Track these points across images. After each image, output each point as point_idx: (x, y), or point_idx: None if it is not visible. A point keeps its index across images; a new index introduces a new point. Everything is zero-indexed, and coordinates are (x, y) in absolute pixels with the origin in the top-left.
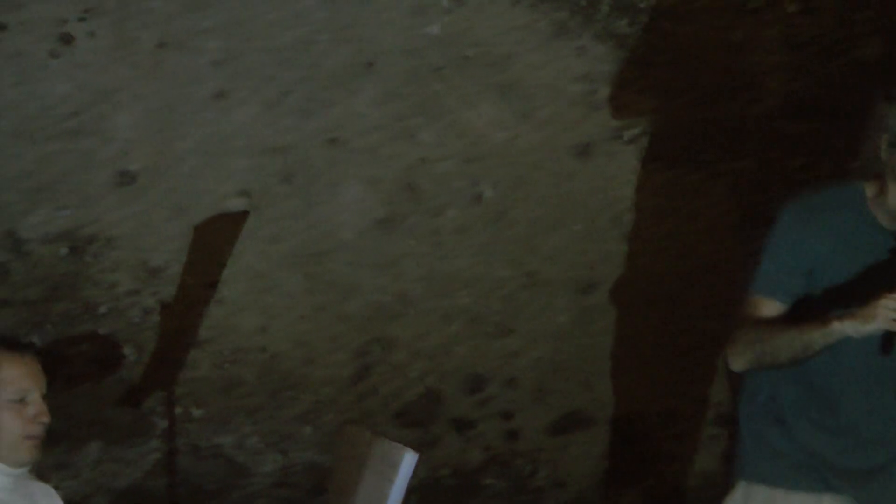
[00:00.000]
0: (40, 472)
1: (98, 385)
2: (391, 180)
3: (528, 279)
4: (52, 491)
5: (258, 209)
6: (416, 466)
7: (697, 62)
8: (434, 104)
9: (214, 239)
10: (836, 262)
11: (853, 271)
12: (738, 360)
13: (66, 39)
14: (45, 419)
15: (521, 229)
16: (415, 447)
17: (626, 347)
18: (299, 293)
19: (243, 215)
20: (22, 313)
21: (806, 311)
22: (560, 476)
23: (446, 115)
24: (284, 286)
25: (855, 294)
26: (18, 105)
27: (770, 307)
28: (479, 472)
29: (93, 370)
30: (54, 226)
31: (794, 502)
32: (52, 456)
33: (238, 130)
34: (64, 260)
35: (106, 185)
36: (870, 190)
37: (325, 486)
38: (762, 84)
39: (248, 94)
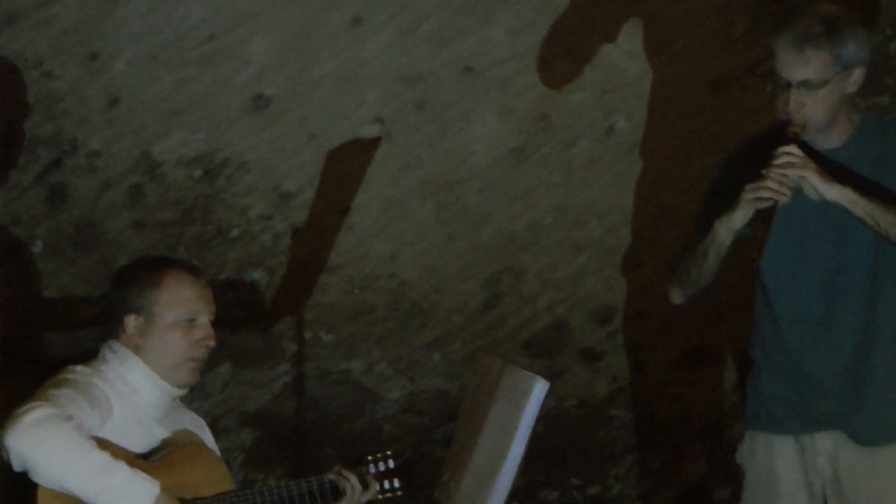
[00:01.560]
0: None
1: (229, 308)
2: (524, 110)
3: (659, 212)
4: (202, 421)
5: (391, 136)
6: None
7: None
8: (569, 35)
9: (347, 165)
10: None
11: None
12: (671, 289)
13: None
14: (211, 343)
15: (653, 162)
16: (543, 377)
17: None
18: (430, 221)
19: (376, 142)
20: (155, 235)
21: None
22: (685, 410)
23: (581, 46)
24: (416, 214)
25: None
26: (155, 29)
27: None
28: (605, 403)
29: (224, 294)
30: (189, 149)
31: (786, 445)
32: None
33: (373, 57)
34: (197, 183)
35: (241, 109)
36: None
37: (453, 413)
38: None
39: (384, 22)
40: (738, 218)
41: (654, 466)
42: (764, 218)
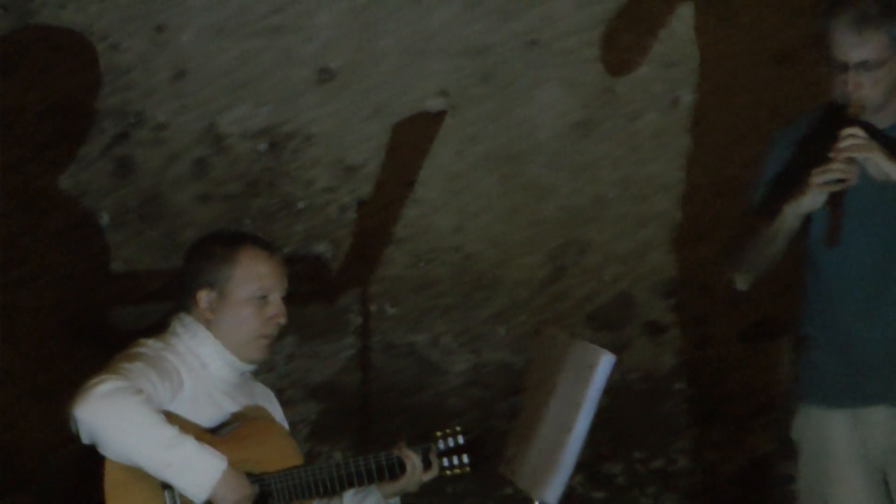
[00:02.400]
0: None
1: (294, 281)
2: (589, 83)
3: (724, 185)
4: (272, 395)
5: (456, 110)
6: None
7: None
8: (634, 8)
9: (412, 138)
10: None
11: None
12: (736, 276)
13: None
14: (282, 320)
15: (718, 136)
16: (608, 350)
17: None
18: (495, 194)
19: (441, 115)
20: (221, 208)
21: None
22: (749, 383)
23: (646, 20)
24: (480, 187)
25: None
26: (222, 2)
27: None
28: (669, 376)
29: (289, 267)
30: (254, 122)
31: (840, 419)
32: None
33: (438, 30)
34: (263, 156)
35: (306, 82)
36: None
37: (518, 386)
38: None
39: None
40: (808, 203)
41: (718, 440)
42: (835, 202)
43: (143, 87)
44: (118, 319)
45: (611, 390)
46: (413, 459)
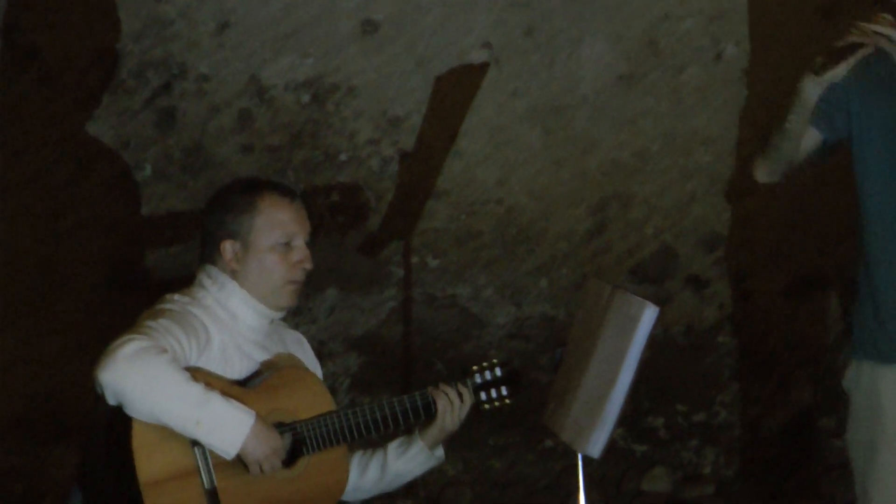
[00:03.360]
0: None
1: (337, 233)
2: (633, 37)
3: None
4: (304, 339)
5: (500, 62)
6: None
7: None
8: None
9: (455, 91)
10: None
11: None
12: (756, 166)
13: None
14: (309, 265)
15: (762, 89)
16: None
17: None
18: (538, 147)
19: (484, 68)
20: (264, 159)
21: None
22: (792, 338)
23: None
24: (523, 140)
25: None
26: None
27: (812, 136)
28: (711, 330)
29: (332, 218)
30: (298, 73)
31: (892, 374)
32: None
33: None
34: (306, 107)
35: (350, 34)
36: None
37: (559, 339)
38: None
39: None
40: (829, 75)
41: (760, 394)
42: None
43: (187, 39)
44: (160, 270)
45: (653, 344)
46: (447, 395)
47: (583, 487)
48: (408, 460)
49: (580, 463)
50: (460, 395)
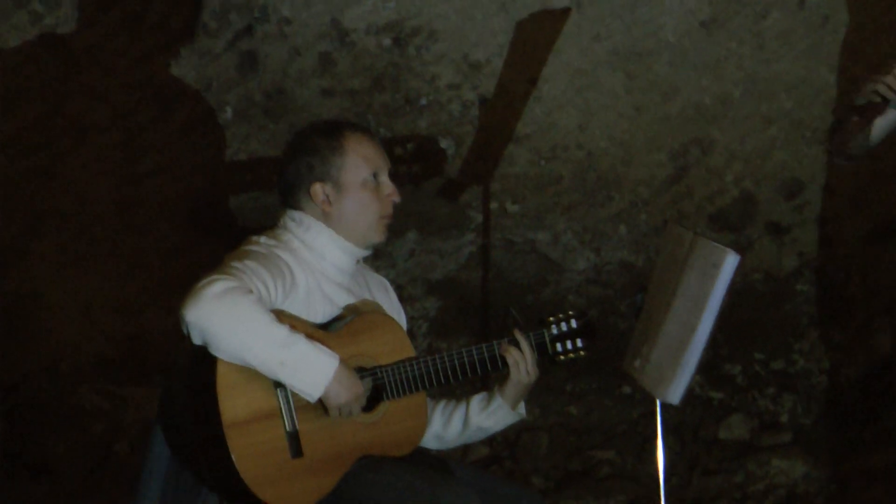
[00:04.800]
0: None
1: (417, 177)
2: None
3: (850, 86)
4: (388, 284)
5: (581, 7)
6: None
7: None
8: None
9: (537, 35)
10: None
11: None
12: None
13: None
14: (397, 198)
15: (845, 34)
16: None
17: None
18: (619, 92)
19: (566, 13)
20: (345, 103)
21: None
22: (873, 285)
23: None
24: (605, 85)
25: None
26: None
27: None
28: (791, 277)
29: (413, 163)
30: (379, 17)
31: None
32: None
33: None
34: (387, 51)
35: None
36: None
37: (638, 285)
38: None
39: None
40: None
41: (840, 342)
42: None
43: None
44: (240, 214)
45: (731, 291)
46: (512, 354)
47: (661, 434)
48: (489, 416)
49: (658, 410)
50: (525, 347)
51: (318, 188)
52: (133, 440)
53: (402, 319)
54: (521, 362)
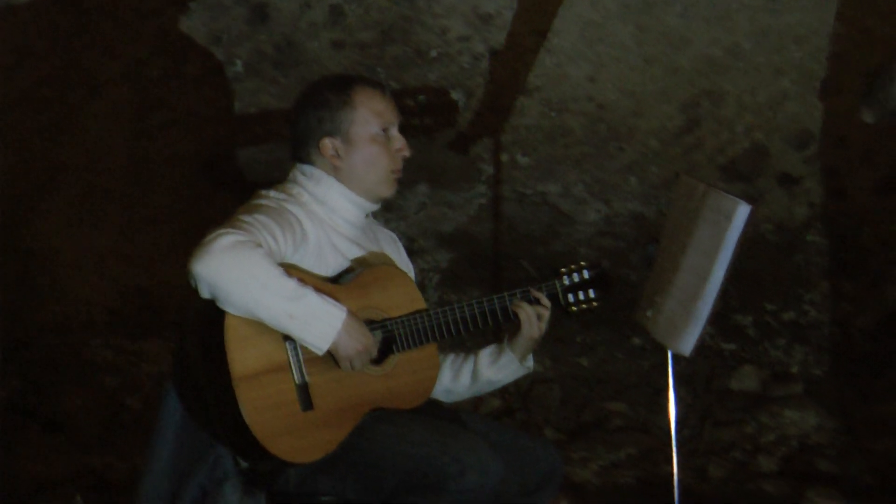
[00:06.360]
0: None
1: (427, 130)
2: None
3: (862, 37)
4: (397, 238)
5: None
6: None
7: None
8: None
9: None
10: None
11: None
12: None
13: None
14: (407, 153)
15: None
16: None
17: None
18: (630, 44)
19: None
20: (355, 55)
21: None
22: (885, 235)
23: None
24: (615, 36)
25: None
26: None
27: None
28: (802, 228)
29: (423, 115)
30: None
31: None
32: None
33: None
34: (397, 4)
35: None
36: None
37: (649, 236)
38: None
39: None
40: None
41: (851, 292)
42: None
43: None
44: (251, 167)
45: (742, 241)
46: (524, 309)
47: (672, 386)
48: (498, 369)
49: (670, 361)
50: (539, 303)
51: (327, 142)
52: (146, 394)
53: (411, 273)
54: (534, 318)
